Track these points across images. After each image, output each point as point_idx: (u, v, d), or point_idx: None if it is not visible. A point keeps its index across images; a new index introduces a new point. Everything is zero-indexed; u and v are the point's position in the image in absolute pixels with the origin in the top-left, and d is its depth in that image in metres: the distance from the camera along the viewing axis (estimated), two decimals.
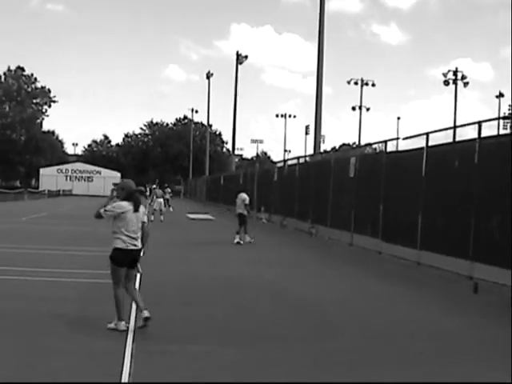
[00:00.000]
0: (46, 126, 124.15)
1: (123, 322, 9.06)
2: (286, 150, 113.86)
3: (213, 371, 7.40)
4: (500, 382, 6.13)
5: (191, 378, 7.14)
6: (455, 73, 67.08)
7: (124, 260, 9.20)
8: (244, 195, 25.79)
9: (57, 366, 7.35)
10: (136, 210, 9.18)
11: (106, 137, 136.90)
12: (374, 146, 25.27)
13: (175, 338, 8.77)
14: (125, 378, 6.85)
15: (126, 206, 9.12)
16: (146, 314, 8.91)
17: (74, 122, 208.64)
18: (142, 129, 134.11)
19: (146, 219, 9.50)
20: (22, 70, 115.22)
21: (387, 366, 7.88)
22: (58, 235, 24.97)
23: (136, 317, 9.74)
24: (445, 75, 67.38)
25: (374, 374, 7.53)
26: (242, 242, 24.07)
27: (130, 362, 7.45)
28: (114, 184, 32.58)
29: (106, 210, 9.17)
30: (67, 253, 18.46)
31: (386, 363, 8.04)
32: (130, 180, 9.72)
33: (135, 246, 9.20)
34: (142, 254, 9.43)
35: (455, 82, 66.86)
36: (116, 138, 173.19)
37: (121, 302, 9.18)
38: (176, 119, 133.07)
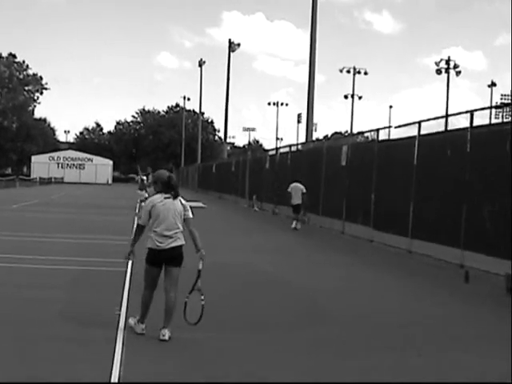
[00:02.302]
0: (38, 113, 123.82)
1: (142, 326, 8.25)
2: (278, 138, 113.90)
3: (208, 359, 7.39)
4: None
5: (184, 367, 7.13)
6: (447, 62, 67.10)
7: (156, 260, 8.19)
8: (301, 185, 26.41)
9: (46, 353, 7.33)
10: (175, 196, 8.24)
11: (97, 124, 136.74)
12: (366, 134, 25.32)
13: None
14: (116, 365, 6.83)
15: (156, 198, 8.25)
16: (164, 335, 7.97)
17: (65, 110, 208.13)
18: (133, 116, 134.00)
19: (190, 214, 8.45)
20: (14, 56, 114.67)
21: (378, 353, 7.89)
22: (49, 223, 24.91)
23: (128, 303, 9.73)
24: (437, 64, 67.45)
25: (366, 360, 7.54)
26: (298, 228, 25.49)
27: (122, 350, 7.44)
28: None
29: (139, 218, 8.31)
30: (58, 240, 18.42)
31: (377, 350, 8.04)
32: (162, 170, 8.71)
33: (168, 244, 8.17)
34: (199, 268, 8.37)
35: (447, 70, 66.88)
36: (108, 126, 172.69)
37: (147, 304, 8.30)
38: (168, 107, 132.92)
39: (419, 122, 18.34)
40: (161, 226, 8.14)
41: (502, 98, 73.03)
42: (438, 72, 67.16)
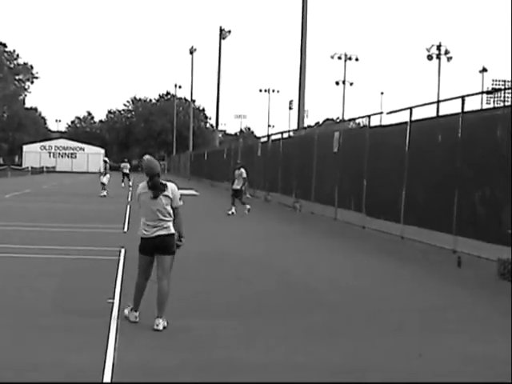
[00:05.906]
0: (29, 102, 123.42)
1: (135, 314, 8.28)
2: (269, 125, 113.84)
3: (201, 345, 7.41)
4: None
5: (178, 352, 7.15)
6: (439, 47, 66.99)
7: (145, 248, 8.24)
8: (242, 170, 27.14)
9: (40, 341, 7.34)
10: (155, 196, 8.11)
11: (89, 113, 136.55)
12: (357, 120, 25.29)
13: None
14: (110, 352, 6.84)
15: (141, 188, 8.26)
16: (157, 324, 7.95)
17: (56, 99, 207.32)
18: (125, 105, 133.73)
19: (180, 203, 8.28)
20: (4, 46, 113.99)
21: (372, 339, 7.93)
22: (42, 212, 24.86)
23: (121, 293, 9.74)
24: (428, 50, 67.31)
25: (360, 344, 7.57)
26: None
27: (115, 337, 7.45)
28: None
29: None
30: (50, 230, 18.39)
31: (371, 336, 8.08)
32: (152, 160, 8.34)
33: (154, 232, 8.13)
34: (176, 244, 8.36)
35: (439, 56, 66.79)
36: (99, 115, 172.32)
37: (139, 292, 8.33)
38: (159, 95, 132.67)
39: (411, 108, 18.34)
40: (145, 217, 8.27)
41: (493, 84, 73.25)
42: (429, 58, 67.07)
